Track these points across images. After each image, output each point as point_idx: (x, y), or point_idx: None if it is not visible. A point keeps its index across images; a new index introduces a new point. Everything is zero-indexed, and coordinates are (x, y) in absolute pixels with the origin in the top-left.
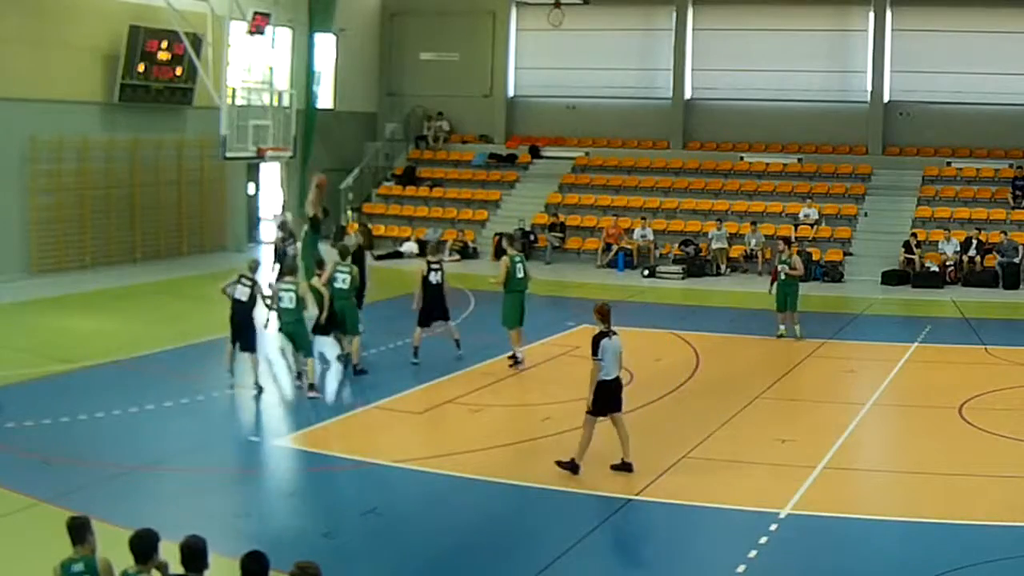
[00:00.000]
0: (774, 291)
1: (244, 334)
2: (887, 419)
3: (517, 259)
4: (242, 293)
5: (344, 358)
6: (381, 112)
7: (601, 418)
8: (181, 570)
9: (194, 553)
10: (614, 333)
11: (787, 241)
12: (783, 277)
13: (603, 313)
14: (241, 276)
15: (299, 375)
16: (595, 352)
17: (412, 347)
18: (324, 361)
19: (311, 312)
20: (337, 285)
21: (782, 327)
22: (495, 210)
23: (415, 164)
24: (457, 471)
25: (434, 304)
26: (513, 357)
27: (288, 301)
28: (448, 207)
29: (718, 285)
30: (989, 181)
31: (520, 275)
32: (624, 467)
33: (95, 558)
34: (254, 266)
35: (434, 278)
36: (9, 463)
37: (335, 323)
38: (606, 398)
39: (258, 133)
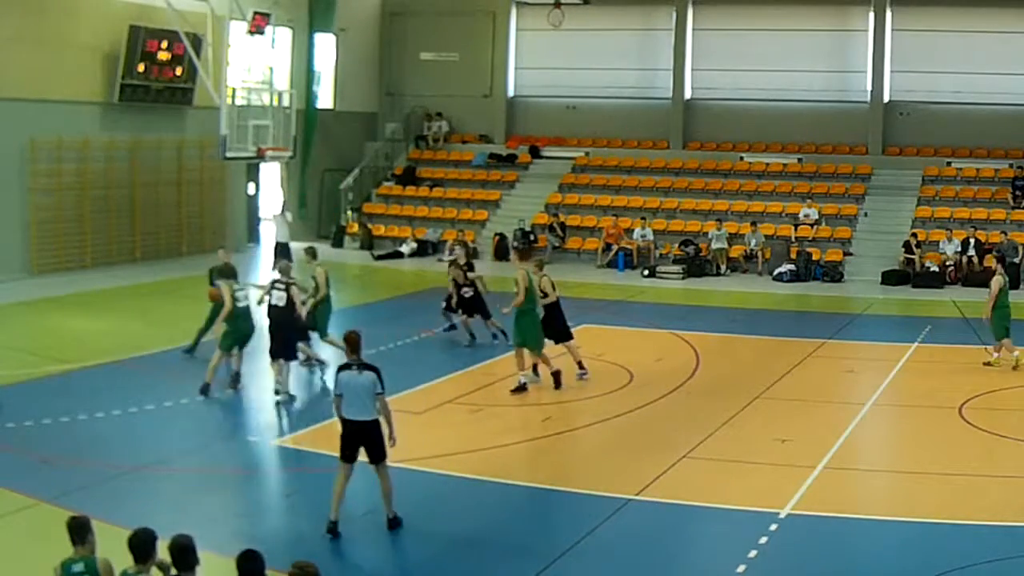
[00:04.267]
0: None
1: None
2: (887, 419)
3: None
4: (279, 299)
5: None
6: (381, 112)
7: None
8: (174, 570)
9: (183, 550)
10: (365, 367)
11: (1002, 259)
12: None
13: (349, 342)
14: (274, 282)
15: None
16: (335, 385)
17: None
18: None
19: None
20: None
21: (996, 355)
22: (495, 210)
23: (415, 164)
24: (457, 471)
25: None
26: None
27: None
28: (448, 207)
29: (718, 285)
30: (989, 181)
31: (536, 290)
32: (393, 522)
33: (95, 558)
34: (285, 269)
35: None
36: (9, 463)
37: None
38: (348, 441)
39: (258, 133)
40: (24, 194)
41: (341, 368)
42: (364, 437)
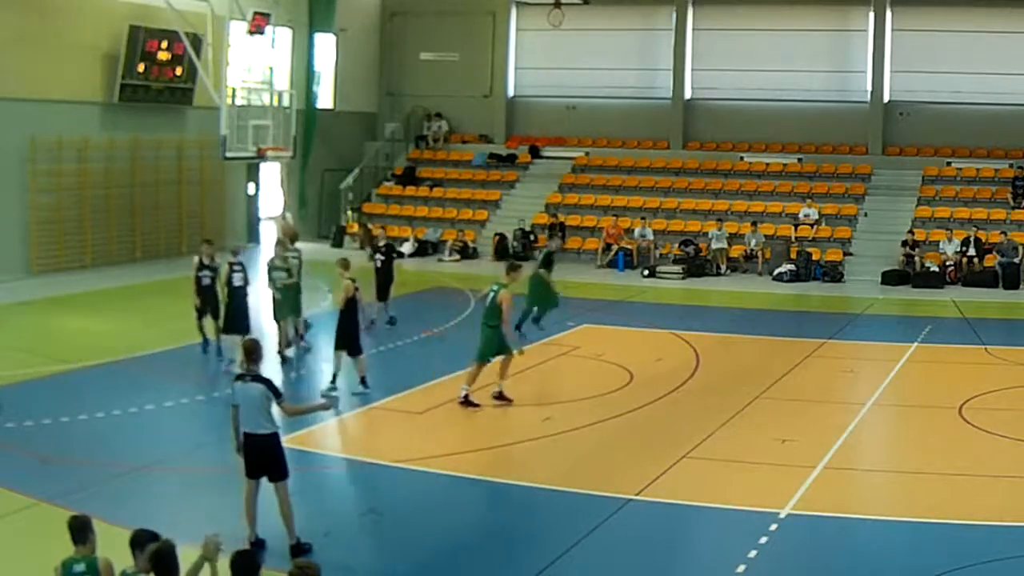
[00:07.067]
0: None
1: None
2: (887, 419)
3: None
4: (240, 280)
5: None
6: (381, 112)
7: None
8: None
9: (161, 557)
10: (257, 378)
11: None
12: None
13: (246, 351)
14: (232, 264)
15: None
16: (231, 395)
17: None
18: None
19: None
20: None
21: None
22: (495, 210)
23: (415, 164)
24: (457, 471)
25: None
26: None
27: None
28: (448, 207)
29: (718, 285)
30: (989, 181)
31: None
32: (297, 549)
33: (96, 558)
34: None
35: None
36: (9, 463)
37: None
38: (249, 456)
39: (258, 133)
40: (24, 194)
41: (236, 378)
42: (260, 452)
